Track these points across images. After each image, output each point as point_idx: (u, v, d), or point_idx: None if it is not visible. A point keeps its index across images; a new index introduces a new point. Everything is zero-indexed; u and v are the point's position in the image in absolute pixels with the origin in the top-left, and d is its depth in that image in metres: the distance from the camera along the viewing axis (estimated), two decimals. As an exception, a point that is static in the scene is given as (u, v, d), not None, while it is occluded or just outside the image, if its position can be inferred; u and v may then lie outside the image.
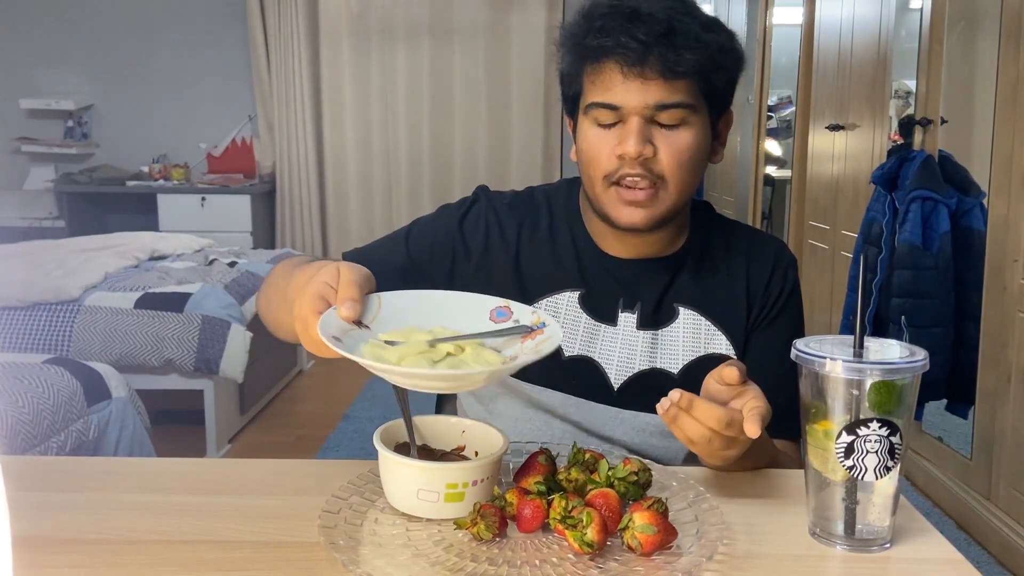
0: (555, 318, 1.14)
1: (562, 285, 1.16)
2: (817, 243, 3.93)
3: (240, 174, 5.47)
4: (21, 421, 1.96)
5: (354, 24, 5.41)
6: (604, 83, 1.03)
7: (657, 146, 1.04)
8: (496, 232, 1.18)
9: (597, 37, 1.02)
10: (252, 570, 0.78)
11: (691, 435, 0.89)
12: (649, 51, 0.99)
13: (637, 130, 1.02)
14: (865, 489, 0.82)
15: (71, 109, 5.43)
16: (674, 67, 1.00)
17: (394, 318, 0.88)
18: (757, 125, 4.89)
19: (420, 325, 0.88)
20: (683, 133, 1.04)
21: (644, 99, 1.02)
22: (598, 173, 1.07)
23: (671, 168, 1.04)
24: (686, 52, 1.00)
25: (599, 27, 1.02)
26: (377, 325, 0.87)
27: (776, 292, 1.18)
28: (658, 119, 1.03)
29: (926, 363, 0.79)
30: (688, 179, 1.07)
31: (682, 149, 1.04)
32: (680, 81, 1.02)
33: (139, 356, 2.99)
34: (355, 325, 0.85)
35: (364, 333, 0.85)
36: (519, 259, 1.16)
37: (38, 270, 3.26)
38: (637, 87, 1.01)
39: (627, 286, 1.15)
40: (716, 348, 1.15)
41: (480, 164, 5.56)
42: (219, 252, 4.06)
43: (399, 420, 0.95)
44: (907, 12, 3.17)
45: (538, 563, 0.78)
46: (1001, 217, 2.44)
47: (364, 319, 0.86)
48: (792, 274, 1.20)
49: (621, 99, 1.02)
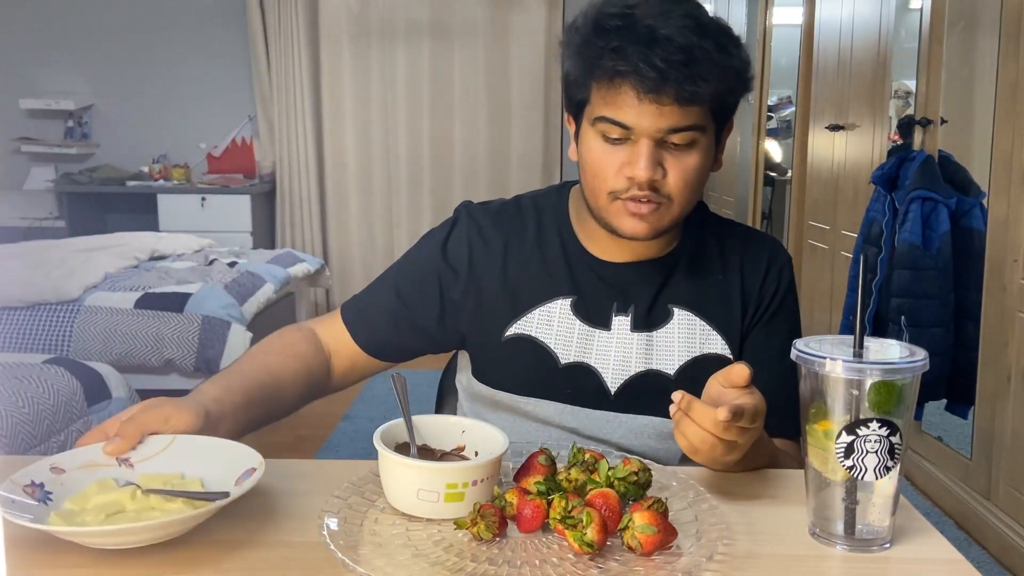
0: (548, 327, 1.14)
1: (553, 293, 1.15)
2: (817, 243, 3.93)
3: (240, 174, 5.47)
4: (21, 421, 1.97)
5: (354, 24, 5.41)
6: (617, 103, 1.01)
7: (667, 168, 1.03)
8: (480, 248, 1.17)
9: (613, 59, 0.99)
10: (252, 570, 0.78)
11: (694, 442, 0.89)
12: (666, 79, 0.97)
13: (648, 154, 1.01)
14: (865, 489, 0.82)
15: (71, 109, 5.43)
16: (690, 96, 0.99)
17: (169, 462, 0.92)
18: (757, 125, 4.90)
19: (186, 473, 0.91)
20: (692, 154, 1.03)
21: (657, 123, 1.00)
22: (603, 187, 1.06)
23: (678, 188, 1.04)
24: (703, 81, 0.98)
25: (615, 48, 0.99)
26: (148, 465, 0.91)
27: (772, 291, 1.17)
28: (669, 140, 1.02)
29: (926, 363, 0.79)
30: (693, 195, 1.07)
31: (690, 170, 1.04)
32: (694, 107, 1.00)
33: (139, 356, 2.99)
34: (118, 462, 0.91)
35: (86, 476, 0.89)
36: (508, 271, 1.16)
37: (38, 270, 3.26)
38: (652, 111, 1.00)
39: (620, 289, 1.15)
40: (712, 348, 1.15)
41: (480, 164, 5.56)
42: (219, 252, 4.06)
43: (399, 420, 0.95)
44: (907, 12, 3.17)
45: (538, 563, 0.78)
46: (1001, 217, 2.44)
47: (137, 455, 0.92)
48: (787, 272, 1.20)
49: (634, 121, 1.01)
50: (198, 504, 0.82)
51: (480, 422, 0.97)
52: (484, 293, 1.15)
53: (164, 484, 0.88)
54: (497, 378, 1.17)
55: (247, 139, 5.53)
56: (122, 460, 0.91)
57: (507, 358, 1.15)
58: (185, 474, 0.91)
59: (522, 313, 1.15)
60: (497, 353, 1.16)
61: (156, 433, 0.94)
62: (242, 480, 0.86)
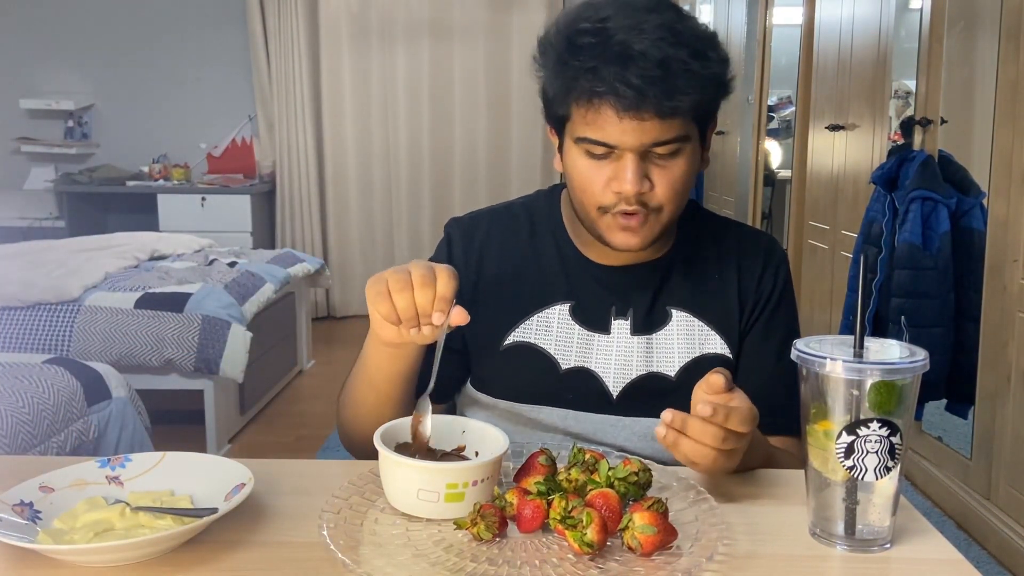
0: (548, 333, 1.14)
1: (552, 299, 1.15)
2: (817, 243, 3.92)
3: (240, 174, 5.47)
4: (21, 421, 1.96)
5: (354, 24, 5.41)
6: (598, 123, 1.00)
7: (653, 180, 1.02)
8: (476, 259, 1.17)
9: (590, 80, 0.98)
10: (252, 570, 0.78)
11: (693, 457, 0.89)
12: (645, 96, 0.96)
13: (634, 168, 1.01)
14: (865, 489, 0.82)
15: (71, 109, 5.43)
16: (671, 111, 0.98)
17: (159, 479, 0.92)
18: (757, 125, 4.89)
19: (176, 490, 0.91)
20: (678, 162, 1.03)
21: (640, 139, 0.99)
22: (592, 202, 1.05)
23: (667, 197, 1.04)
24: (682, 95, 0.97)
25: (591, 68, 0.98)
26: (138, 482, 0.92)
27: (768, 289, 1.17)
28: (653, 151, 1.01)
29: (926, 363, 0.79)
30: (682, 201, 1.07)
31: (677, 178, 1.03)
32: (676, 119, 1.00)
33: (139, 356, 2.99)
34: (107, 480, 0.92)
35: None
36: (504, 281, 1.16)
37: (38, 270, 3.25)
38: (633, 128, 0.99)
39: (618, 293, 1.15)
40: (711, 348, 1.15)
41: (480, 164, 5.56)
42: (219, 252, 4.05)
43: (399, 420, 0.95)
44: (907, 12, 3.17)
45: (538, 563, 0.78)
46: (1001, 217, 2.44)
47: (127, 473, 0.93)
48: (784, 270, 1.19)
49: (617, 139, 1.00)
50: (187, 521, 0.82)
51: (480, 422, 0.97)
52: (483, 302, 1.15)
53: (154, 501, 0.88)
54: (498, 387, 1.17)
55: (247, 139, 5.53)
56: (112, 479, 0.91)
57: (507, 366, 1.15)
58: (175, 491, 0.91)
59: (520, 320, 1.15)
60: (497, 362, 1.15)
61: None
62: (231, 496, 0.86)
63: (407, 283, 0.91)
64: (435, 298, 0.91)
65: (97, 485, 0.91)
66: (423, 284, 0.91)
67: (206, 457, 0.95)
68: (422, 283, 0.91)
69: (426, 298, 0.91)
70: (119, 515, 0.85)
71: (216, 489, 0.89)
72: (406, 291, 0.91)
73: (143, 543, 0.78)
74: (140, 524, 0.85)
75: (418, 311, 0.92)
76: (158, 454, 0.94)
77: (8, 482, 0.87)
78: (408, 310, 0.91)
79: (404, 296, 0.91)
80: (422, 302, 0.91)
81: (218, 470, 0.91)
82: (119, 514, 0.85)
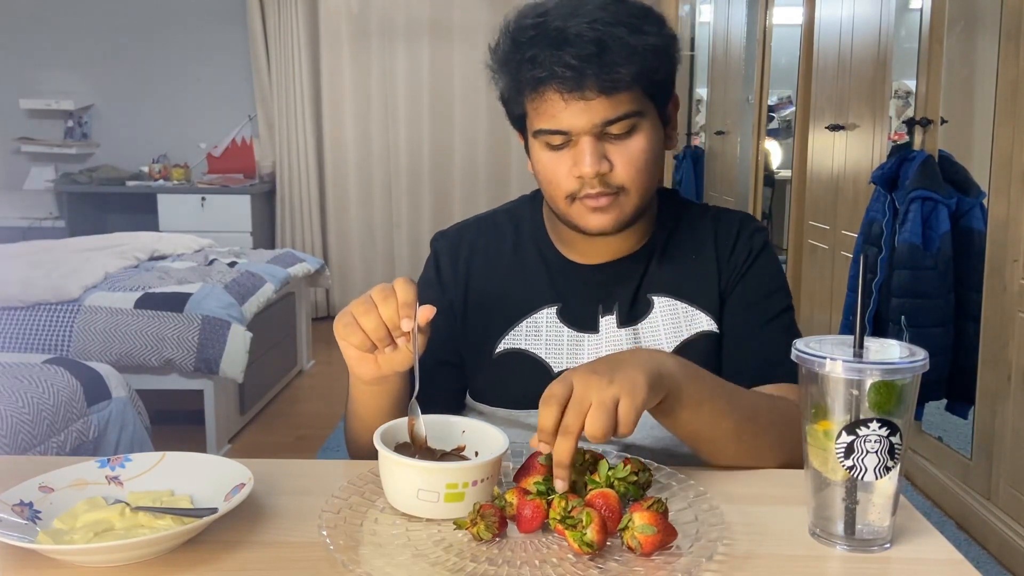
0: (537, 337, 1.14)
1: (538, 303, 1.16)
2: (817, 243, 3.93)
3: (240, 174, 5.47)
4: (21, 421, 1.96)
5: (354, 24, 5.41)
6: (547, 111, 1.02)
7: (612, 160, 1.04)
8: (464, 270, 1.19)
9: (531, 68, 1.01)
10: (252, 570, 0.78)
11: (581, 431, 0.84)
12: (584, 74, 0.98)
13: (590, 150, 1.02)
14: (865, 489, 0.82)
15: (71, 109, 5.44)
16: (612, 85, 0.99)
17: (159, 479, 0.92)
18: (757, 125, 4.89)
19: (176, 490, 0.91)
20: (636, 139, 1.04)
21: (590, 119, 1.01)
22: (559, 193, 1.07)
23: (629, 176, 1.05)
24: (620, 67, 0.99)
25: (530, 57, 1.00)
26: (138, 482, 0.92)
27: (744, 254, 1.16)
28: (608, 131, 1.02)
29: (926, 363, 0.79)
30: (648, 179, 1.07)
31: (637, 155, 1.04)
32: (622, 94, 1.01)
33: (139, 356, 2.99)
34: (107, 480, 0.91)
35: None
36: (492, 291, 1.17)
37: (38, 270, 3.25)
38: (580, 109, 1.00)
39: (602, 290, 1.16)
40: (698, 327, 1.15)
41: (480, 164, 5.56)
42: (219, 252, 4.05)
43: (399, 420, 0.95)
44: (907, 12, 3.17)
45: (538, 563, 0.78)
46: (1001, 217, 2.44)
47: (127, 473, 0.93)
48: (759, 237, 1.18)
49: (568, 124, 1.02)
50: (187, 520, 0.82)
51: (480, 422, 0.97)
52: (473, 313, 1.17)
53: (153, 501, 0.88)
54: (494, 396, 1.17)
55: (247, 139, 5.53)
56: (111, 479, 0.91)
57: (501, 374, 1.16)
58: (175, 491, 0.91)
59: (510, 328, 1.16)
60: (490, 371, 1.16)
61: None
62: (231, 496, 0.86)
63: (370, 304, 0.93)
64: (399, 306, 0.92)
65: (97, 485, 0.91)
66: (384, 299, 0.92)
67: (206, 457, 0.95)
68: (383, 298, 0.92)
69: (390, 309, 0.92)
70: (119, 515, 0.85)
71: (216, 489, 0.89)
72: (371, 312, 0.92)
73: (143, 543, 0.78)
74: (140, 524, 0.85)
75: (387, 325, 0.93)
76: (158, 454, 0.94)
77: (8, 482, 0.87)
78: (378, 329, 0.92)
79: (370, 317, 0.92)
80: (388, 314, 0.92)
81: (218, 470, 0.91)
82: (119, 514, 0.85)
